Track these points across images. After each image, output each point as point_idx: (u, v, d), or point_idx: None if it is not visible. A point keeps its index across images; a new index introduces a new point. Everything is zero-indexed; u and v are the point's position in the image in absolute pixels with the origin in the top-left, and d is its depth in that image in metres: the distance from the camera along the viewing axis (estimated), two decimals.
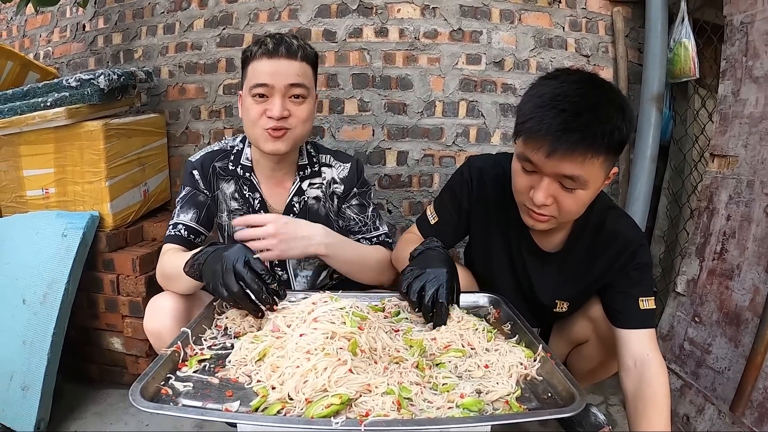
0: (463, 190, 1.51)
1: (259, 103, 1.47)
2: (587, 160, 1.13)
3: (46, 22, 2.72)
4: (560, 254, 1.44)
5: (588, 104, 1.13)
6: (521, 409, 0.96)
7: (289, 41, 1.47)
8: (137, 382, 0.94)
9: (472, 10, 2.25)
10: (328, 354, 0.97)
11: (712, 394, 1.64)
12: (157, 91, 2.46)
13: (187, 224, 1.55)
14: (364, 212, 1.68)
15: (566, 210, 1.23)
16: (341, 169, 1.67)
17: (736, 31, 1.75)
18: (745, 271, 1.62)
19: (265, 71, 1.45)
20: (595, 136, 1.11)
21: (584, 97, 1.14)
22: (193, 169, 1.59)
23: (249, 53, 1.50)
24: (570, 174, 1.15)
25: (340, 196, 1.67)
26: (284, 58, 1.45)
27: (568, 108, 1.12)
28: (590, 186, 1.19)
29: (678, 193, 2.36)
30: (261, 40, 1.49)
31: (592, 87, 1.17)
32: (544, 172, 1.19)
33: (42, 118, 1.94)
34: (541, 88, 1.19)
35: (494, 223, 1.49)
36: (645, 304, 1.33)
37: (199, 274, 1.26)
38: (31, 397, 1.77)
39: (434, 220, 1.57)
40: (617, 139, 1.14)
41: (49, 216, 1.98)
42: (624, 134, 1.15)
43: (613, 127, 1.12)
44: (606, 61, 2.33)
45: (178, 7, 2.40)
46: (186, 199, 1.58)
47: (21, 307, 1.85)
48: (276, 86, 1.45)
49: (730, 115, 1.75)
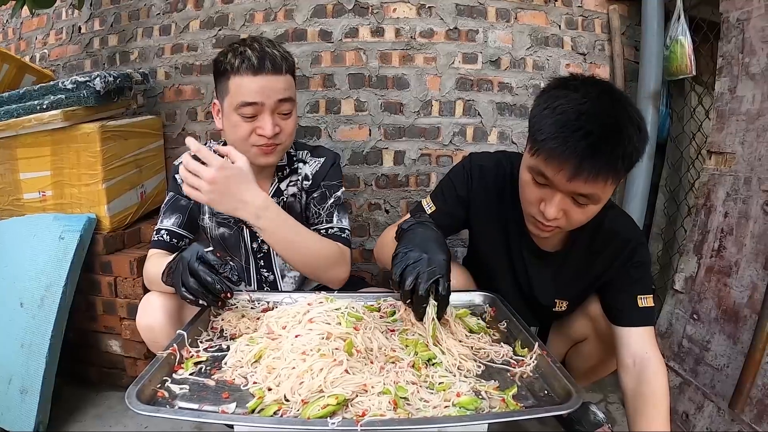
0: (462, 182, 1.48)
1: (247, 122, 1.44)
2: (608, 183, 1.13)
3: (41, 24, 2.72)
4: (559, 253, 1.44)
5: (612, 126, 1.10)
6: (518, 406, 0.96)
7: (271, 53, 1.43)
8: (133, 385, 0.94)
9: (468, 9, 2.25)
10: (324, 355, 0.98)
11: (711, 392, 1.64)
12: (154, 93, 2.46)
13: (170, 229, 1.55)
14: (323, 203, 1.62)
15: (575, 222, 1.23)
16: (315, 165, 1.65)
17: (733, 28, 1.75)
18: (743, 268, 1.62)
19: (251, 89, 1.41)
20: (618, 161, 1.10)
21: (609, 116, 1.11)
22: (176, 173, 1.56)
23: (228, 66, 1.42)
24: (585, 192, 1.14)
25: (307, 191, 1.64)
26: (271, 74, 1.42)
27: (594, 130, 1.08)
28: (602, 201, 1.19)
29: (675, 191, 2.36)
30: (240, 51, 1.42)
31: (613, 104, 1.13)
32: (560, 190, 1.17)
33: (38, 120, 1.94)
34: (562, 102, 1.14)
35: (494, 221, 1.48)
36: (644, 302, 1.34)
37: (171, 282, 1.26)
38: (30, 401, 1.77)
39: (431, 209, 1.50)
40: (635, 160, 1.14)
41: (46, 219, 1.98)
42: (640, 155, 1.15)
43: (633, 149, 1.11)
44: (602, 59, 2.33)
45: (174, 9, 2.40)
46: (169, 204, 1.58)
47: (19, 310, 1.85)
48: (266, 104, 1.43)
49: (727, 112, 1.75)
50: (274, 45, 1.47)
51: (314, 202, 1.63)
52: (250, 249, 1.67)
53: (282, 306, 1.23)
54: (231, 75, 1.42)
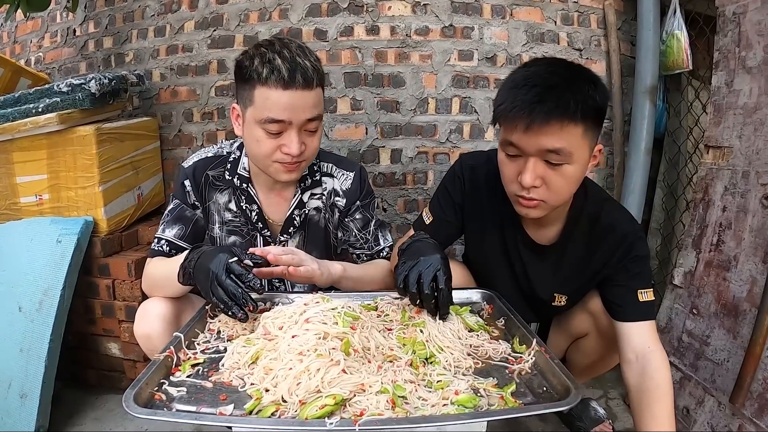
0: (455, 187, 1.51)
1: (272, 138, 1.34)
2: (564, 129, 1.15)
3: (36, 27, 2.72)
4: (556, 247, 1.44)
5: (559, 79, 1.16)
6: (516, 404, 0.96)
7: (303, 65, 1.30)
8: (130, 388, 0.93)
9: (463, 6, 2.25)
10: (321, 355, 0.97)
11: (712, 386, 1.64)
12: (149, 95, 2.46)
13: (171, 240, 1.51)
14: (367, 228, 1.62)
15: (556, 190, 1.23)
16: (344, 179, 1.60)
17: (729, 21, 1.74)
18: (742, 262, 1.61)
19: (280, 105, 1.30)
20: (569, 104, 1.13)
21: (555, 74, 1.18)
22: (185, 179, 1.52)
23: (256, 75, 1.30)
24: (552, 147, 1.16)
25: (342, 210, 1.61)
26: (301, 89, 1.30)
27: (539, 83, 1.16)
28: (575, 160, 1.19)
29: (673, 185, 2.36)
30: (269, 59, 1.29)
31: (562, 66, 1.21)
32: (528, 152, 1.20)
33: (34, 124, 1.94)
34: (514, 74, 1.24)
35: (489, 219, 1.49)
36: (644, 296, 1.33)
37: (193, 282, 1.26)
38: (30, 405, 1.76)
39: (429, 219, 1.57)
40: (591, 106, 1.16)
41: (43, 222, 1.98)
42: (598, 102, 1.17)
43: (585, 95, 1.15)
44: (599, 54, 2.32)
45: (169, 10, 2.39)
46: (174, 213, 1.54)
47: (17, 314, 1.84)
48: (294, 122, 1.33)
49: (724, 106, 1.74)
50: (304, 53, 1.33)
51: (356, 226, 1.62)
52: None
53: (278, 306, 1.22)
54: (257, 84, 1.30)
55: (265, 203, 1.57)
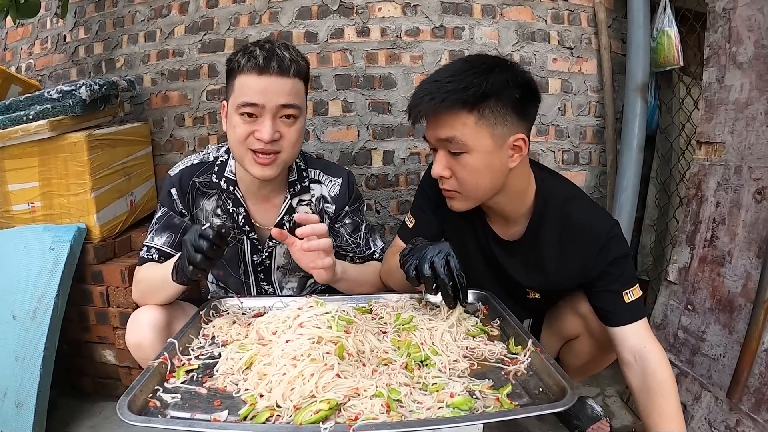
0: (432, 186, 1.49)
1: (246, 123, 1.36)
2: (450, 119, 1.21)
3: (26, 34, 2.70)
4: (522, 243, 1.43)
5: (446, 73, 1.23)
6: (512, 405, 0.96)
7: (280, 54, 1.35)
8: (125, 395, 0.93)
9: (453, 7, 2.25)
10: (315, 359, 0.97)
11: (708, 382, 1.64)
12: (140, 100, 2.45)
13: (160, 248, 1.50)
14: (357, 232, 1.64)
15: (462, 180, 1.27)
16: (331, 186, 1.61)
17: (719, 17, 1.75)
18: (737, 258, 1.62)
19: (254, 89, 1.34)
20: (446, 94, 1.18)
21: (447, 69, 1.25)
22: (171, 187, 1.53)
23: (236, 65, 1.36)
24: (444, 136, 1.23)
25: (332, 216, 1.61)
26: (275, 75, 1.34)
27: (429, 79, 1.24)
28: (473, 149, 1.22)
29: (666, 182, 2.37)
30: (250, 50, 1.36)
31: (461, 61, 1.28)
32: (432, 144, 1.29)
33: (25, 131, 1.92)
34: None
35: (462, 217, 1.47)
36: (630, 297, 1.32)
37: (185, 277, 1.25)
38: (26, 414, 1.75)
39: (412, 223, 1.57)
40: (472, 93, 1.17)
41: (35, 230, 1.96)
42: (484, 89, 1.18)
43: (467, 84, 1.18)
44: (589, 52, 2.33)
45: (159, 15, 2.39)
46: (162, 221, 1.53)
47: (11, 323, 1.83)
48: (266, 106, 1.34)
49: (715, 102, 1.75)
50: (287, 48, 1.39)
51: (346, 231, 1.63)
52: (250, 263, 1.61)
53: (272, 311, 1.22)
54: (237, 74, 1.36)
55: (252, 208, 1.57)
